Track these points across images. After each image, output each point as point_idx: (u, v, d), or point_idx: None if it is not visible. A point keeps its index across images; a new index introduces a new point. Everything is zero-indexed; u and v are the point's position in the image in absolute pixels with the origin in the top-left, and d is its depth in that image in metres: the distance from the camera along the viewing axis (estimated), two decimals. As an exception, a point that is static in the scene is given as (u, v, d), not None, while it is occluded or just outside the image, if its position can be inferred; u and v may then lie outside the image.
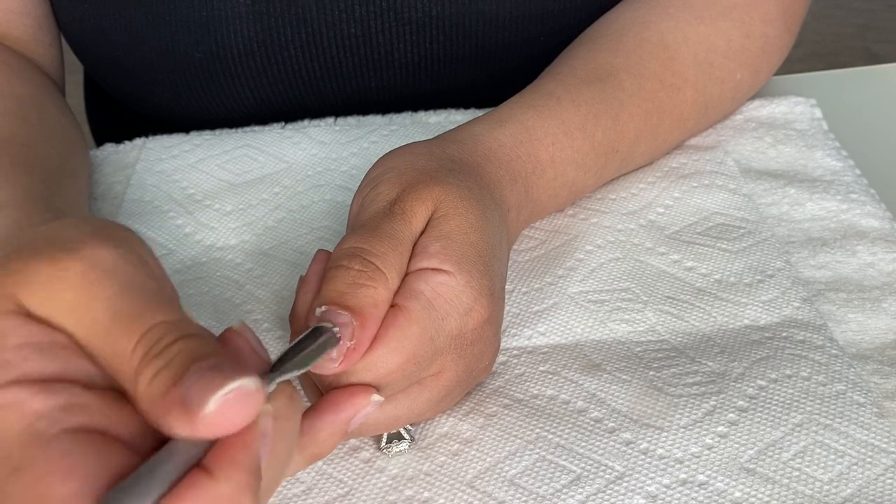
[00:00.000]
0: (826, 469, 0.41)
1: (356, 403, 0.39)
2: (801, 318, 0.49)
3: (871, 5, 2.53)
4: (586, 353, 0.47)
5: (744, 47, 0.60)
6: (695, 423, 0.43)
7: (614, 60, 0.56)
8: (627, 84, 0.55)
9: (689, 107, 0.59)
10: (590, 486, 0.41)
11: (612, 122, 0.54)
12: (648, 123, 0.56)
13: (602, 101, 0.54)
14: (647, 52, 0.57)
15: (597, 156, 0.54)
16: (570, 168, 0.53)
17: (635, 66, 0.56)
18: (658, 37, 0.58)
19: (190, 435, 0.31)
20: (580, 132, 0.53)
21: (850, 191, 0.57)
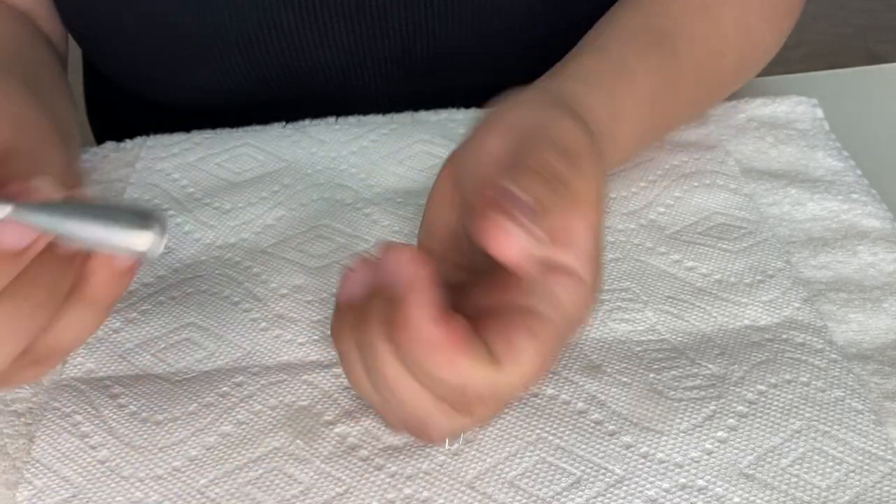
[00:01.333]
0: (824, 476, 0.41)
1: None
2: (802, 319, 0.49)
3: (872, 5, 2.53)
4: (586, 353, 0.47)
5: (773, 6, 0.60)
6: (695, 427, 0.43)
7: (665, 21, 0.55)
8: (681, 49, 0.55)
9: (729, 73, 0.59)
10: (590, 490, 0.41)
11: (672, 94, 0.55)
12: (697, 93, 0.57)
13: (663, 70, 0.54)
14: (692, 14, 0.56)
15: (655, 129, 0.55)
16: (631, 144, 0.53)
17: (686, 29, 0.55)
18: (700, 1, 0.57)
19: None
20: (649, 108, 0.53)
21: (851, 191, 0.57)
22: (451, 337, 0.37)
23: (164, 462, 0.43)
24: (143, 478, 0.43)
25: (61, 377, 0.48)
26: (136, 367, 0.48)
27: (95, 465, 0.43)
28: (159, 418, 0.45)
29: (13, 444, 0.45)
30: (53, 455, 0.44)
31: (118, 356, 0.49)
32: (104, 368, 0.48)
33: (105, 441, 0.44)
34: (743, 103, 0.65)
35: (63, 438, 0.45)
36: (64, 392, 0.47)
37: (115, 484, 0.43)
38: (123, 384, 0.47)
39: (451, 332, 0.37)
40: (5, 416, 0.46)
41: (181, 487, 0.42)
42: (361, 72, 0.66)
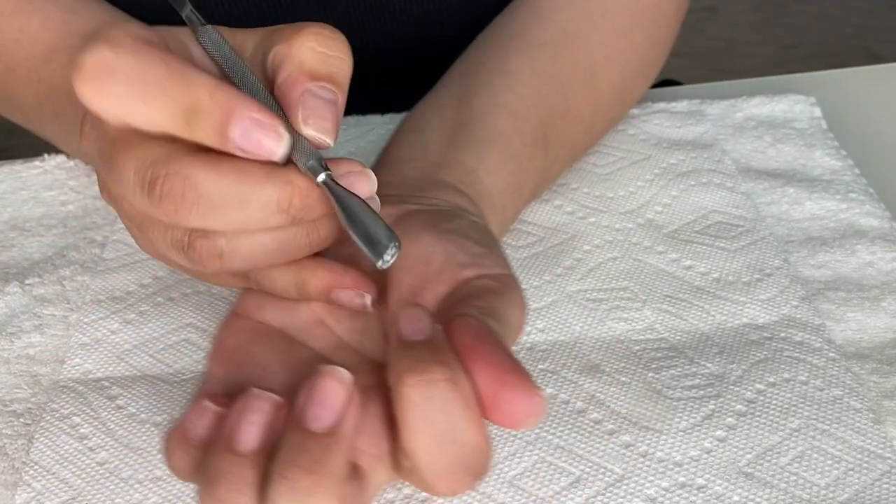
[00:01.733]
0: (823, 474, 0.41)
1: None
2: (800, 318, 0.49)
3: (872, 5, 2.53)
4: (585, 353, 0.47)
5: (650, 59, 0.61)
6: (694, 426, 0.43)
7: (556, 99, 0.55)
8: (563, 134, 0.56)
9: (596, 139, 0.60)
10: (589, 489, 0.41)
11: (543, 186, 0.56)
12: (560, 171, 0.58)
13: (545, 166, 0.55)
14: (578, 85, 0.56)
15: (518, 207, 0.55)
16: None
17: (571, 110, 0.56)
18: (588, 60, 0.57)
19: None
20: (523, 203, 0.54)
21: (849, 190, 0.57)
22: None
23: (163, 464, 0.43)
24: (142, 479, 0.43)
25: (59, 378, 0.48)
26: (135, 368, 0.48)
27: (94, 467, 0.43)
28: (158, 419, 0.45)
29: (12, 445, 0.45)
30: (52, 457, 0.44)
31: (116, 357, 0.49)
32: (102, 369, 0.48)
33: (104, 443, 0.44)
34: (741, 102, 0.65)
35: (62, 440, 0.45)
36: (62, 393, 0.47)
37: (114, 486, 0.43)
38: (122, 385, 0.47)
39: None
40: (4, 416, 0.46)
41: (181, 489, 0.42)
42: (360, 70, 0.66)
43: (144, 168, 0.37)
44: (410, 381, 0.34)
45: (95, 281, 0.54)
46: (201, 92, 0.36)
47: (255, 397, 0.35)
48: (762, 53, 2.34)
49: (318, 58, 0.38)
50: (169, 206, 0.36)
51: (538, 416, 0.35)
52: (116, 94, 0.36)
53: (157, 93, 0.36)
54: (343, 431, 0.34)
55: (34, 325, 0.51)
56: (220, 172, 0.36)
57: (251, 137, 0.36)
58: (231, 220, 0.37)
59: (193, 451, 0.36)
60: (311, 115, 0.38)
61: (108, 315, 0.51)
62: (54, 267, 0.55)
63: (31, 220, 0.59)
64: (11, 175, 0.63)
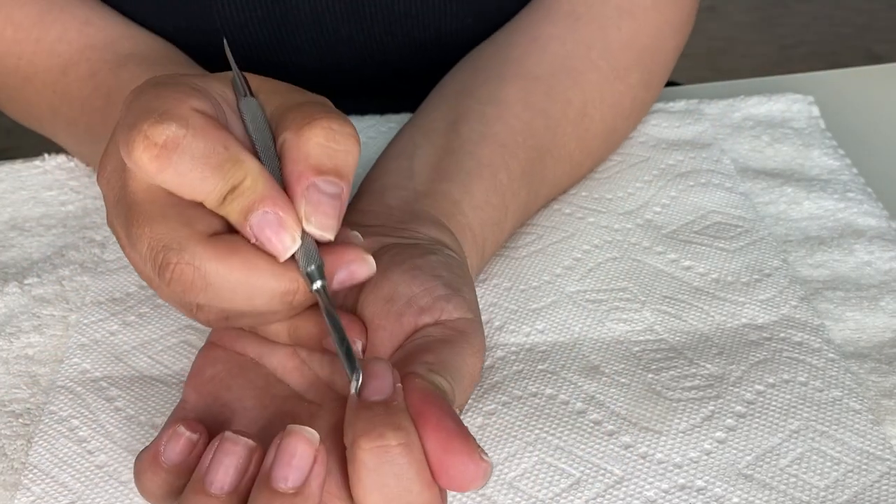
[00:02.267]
0: (822, 476, 0.41)
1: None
2: (799, 318, 0.49)
3: (872, 5, 2.53)
4: (584, 353, 0.47)
5: (643, 102, 0.61)
6: (693, 427, 0.43)
7: (545, 135, 0.55)
8: (549, 171, 0.56)
9: (580, 178, 0.60)
10: (589, 491, 0.41)
11: (522, 221, 0.56)
12: (542, 205, 0.58)
13: (528, 201, 0.55)
14: (569, 122, 0.56)
15: (498, 241, 0.55)
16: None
17: (559, 148, 0.56)
18: (580, 99, 0.57)
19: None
20: (501, 247, 0.55)
21: (847, 189, 0.57)
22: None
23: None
24: (141, 481, 0.43)
25: (58, 379, 0.48)
26: (134, 370, 0.48)
27: (93, 470, 0.43)
28: (157, 422, 0.45)
29: (11, 446, 0.45)
30: (51, 460, 0.44)
31: (115, 358, 0.49)
32: (101, 370, 0.48)
33: (103, 446, 0.44)
34: (738, 102, 0.65)
35: (60, 443, 0.44)
36: (60, 395, 0.47)
37: (113, 489, 0.43)
38: (120, 387, 0.47)
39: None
40: (3, 417, 0.46)
41: (180, 491, 0.42)
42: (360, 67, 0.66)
43: (157, 250, 0.38)
44: (366, 445, 0.35)
45: (95, 282, 0.54)
46: (248, 175, 0.38)
47: (229, 441, 0.37)
48: (762, 53, 2.34)
49: (325, 152, 0.39)
50: (177, 288, 0.38)
51: (482, 479, 0.36)
52: (178, 171, 0.37)
53: (213, 174, 0.38)
54: (309, 490, 0.35)
55: (33, 326, 0.51)
56: (230, 266, 0.38)
57: (265, 231, 0.38)
58: (235, 305, 0.39)
59: (164, 474, 0.38)
60: (313, 211, 0.39)
61: (107, 316, 0.51)
62: (53, 267, 0.55)
63: (30, 220, 0.59)
64: (11, 174, 0.63)
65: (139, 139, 0.37)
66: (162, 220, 0.38)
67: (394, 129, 0.63)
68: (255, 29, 0.63)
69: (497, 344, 0.48)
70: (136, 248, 0.39)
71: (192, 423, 0.38)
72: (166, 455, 0.38)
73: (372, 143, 0.62)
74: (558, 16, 0.58)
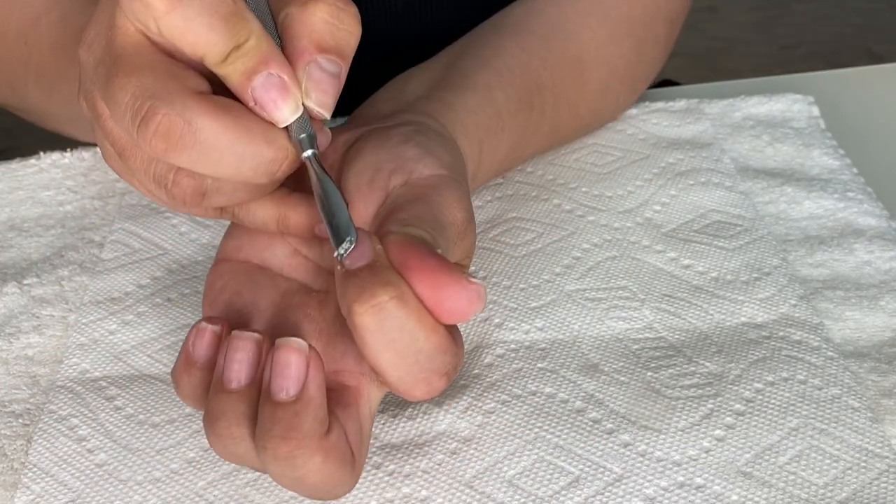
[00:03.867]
0: (821, 473, 0.41)
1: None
2: (798, 317, 0.49)
3: (872, 5, 2.53)
4: (584, 352, 0.47)
5: (636, 72, 0.62)
6: (692, 425, 0.43)
7: (543, 73, 0.56)
8: (547, 106, 0.56)
9: (578, 126, 0.60)
10: (588, 489, 0.41)
11: (523, 148, 0.56)
12: (544, 143, 0.58)
13: (526, 128, 0.55)
14: (566, 68, 0.57)
15: (496, 174, 0.56)
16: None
17: (557, 86, 0.57)
18: (576, 50, 0.58)
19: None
20: (499, 163, 0.55)
21: (847, 189, 0.57)
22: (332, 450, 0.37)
23: (161, 465, 0.43)
24: (141, 481, 0.43)
25: (57, 378, 0.48)
26: (133, 369, 0.48)
27: (93, 469, 0.43)
28: (156, 420, 0.45)
29: (11, 446, 0.45)
30: (51, 459, 0.44)
31: (114, 357, 0.49)
32: (100, 369, 0.48)
33: (102, 444, 0.44)
34: (739, 101, 0.65)
35: (60, 442, 0.45)
36: (60, 394, 0.47)
37: (112, 488, 0.43)
38: (120, 386, 0.47)
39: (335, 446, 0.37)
40: (3, 417, 0.46)
41: (179, 490, 0.42)
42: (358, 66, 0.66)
43: (143, 97, 0.37)
44: (360, 308, 0.36)
45: (94, 281, 0.54)
46: (252, 34, 0.37)
47: (237, 338, 0.38)
48: (762, 53, 2.34)
49: (328, 29, 0.39)
50: (159, 145, 0.37)
51: (479, 300, 0.37)
52: (186, 16, 0.36)
53: (220, 25, 0.36)
54: (308, 395, 0.36)
55: (32, 326, 0.51)
56: (224, 124, 0.37)
57: (270, 93, 0.37)
58: (219, 170, 0.38)
59: (198, 373, 0.39)
60: (314, 87, 0.38)
61: (106, 316, 0.51)
62: (52, 267, 0.55)
63: (28, 221, 0.59)
64: (8, 174, 0.63)
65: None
66: (151, 72, 0.37)
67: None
68: None
69: (496, 341, 0.48)
70: (115, 101, 0.37)
71: (214, 318, 0.40)
72: (195, 352, 0.39)
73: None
74: None
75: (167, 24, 0.36)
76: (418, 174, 0.43)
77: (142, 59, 0.38)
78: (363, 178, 0.43)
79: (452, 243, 0.41)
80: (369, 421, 0.40)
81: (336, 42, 0.39)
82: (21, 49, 0.58)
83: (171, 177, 0.39)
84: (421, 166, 0.43)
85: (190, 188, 0.39)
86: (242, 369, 0.37)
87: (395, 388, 0.38)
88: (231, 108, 0.37)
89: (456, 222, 0.41)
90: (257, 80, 0.37)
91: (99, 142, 0.41)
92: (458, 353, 0.38)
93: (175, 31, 0.37)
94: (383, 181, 0.43)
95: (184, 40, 0.37)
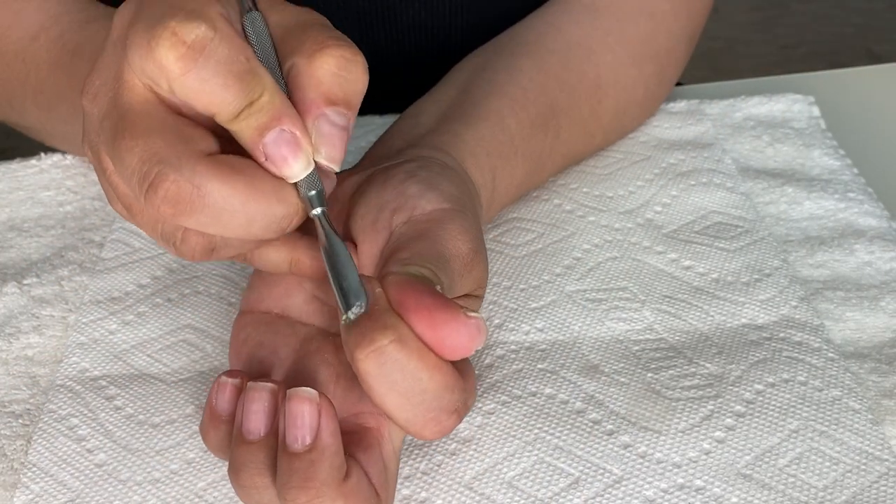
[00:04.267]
0: (821, 476, 0.41)
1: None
2: (799, 318, 0.49)
3: (872, 5, 2.53)
4: (584, 353, 0.47)
5: (655, 95, 0.62)
6: (692, 427, 0.43)
7: (559, 96, 0.56)
8: (563, 129, 0.56)
9: (591, 150, 0.60)
10: (588, 490, 0.41)
11: (539, 172, 0.56)
12: (560, 166, 0.58)
13: (541, 154, 0.55)
14: (584, 91, 0.57)
15: (514, 199, 0.56)
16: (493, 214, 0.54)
17: (573, 109, 0.56)
18: (595, 73, 0.58)
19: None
20: (515, 188, 0.55)
21: (847, 189, 0.57)
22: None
23: (161, 465, 0.43)
24: (140, 481, 0.43)
25: (56, 378, 0.48)
26: (133, 369, 0.48)
27: (93, 469, 0.43)
28: (156, 421, 0.45)
29: (11, 446, 0.45)
30: (51, 459, 0.44)
31: (114, 357, 0.49)
32: (100, 369, 0.48)
33: (102, 444, 0.44)
34: (739, 102, 0.65)
35: (60, 442, 0.44)
36: (60, 394, 0.47)
37: (112, 488, 0.43)
38: (120, 385, 0.47)
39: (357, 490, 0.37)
40: (3, 417, 0.46)
41: (179, 491, 0.42)
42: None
43: (151, 162, 0.36)
44: (362, 354, 0.36)
45: (94, 281, 0.54)
46: (266, 90, 0.37)
47: (252, 389, 0.38)
48: (762, 53, 2.34)
49: (336, 81, 0.38)
50: (168, 210, 0.36)
51: (479, 335, 0.37)
52: (201, 76, 0.36)
53: (235, 83, 0.36)
54: (322, 444, 0.36)
55: (32, 326, 0.51)
56: (234, 187, 0.36)
57: (282, 150, 0.37)
58: (229, 230, 0.37)
59: (223, 426, 0.39)
60: (324, 142, 0.38)
61: (106, 316, 0.51)
62: (52, 267, 0.55)
63: (28, 221, 0.59)
64: (8, 174, 0.63)
65: (166, 35, 0.35)
66: (159, 134, 0.37)
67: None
68: None
69: (496, 342, 0.48)
70: (123, 162, 0.37)
71: (233, 371, 0.40)
72: (218, 406, 0.39)
73: (370, 146, 0.62)
74: (577, 7, 0.59)
75: (181, 86, 0.36)
76: (421, 210, 0.42)
77: (150, 118, 0.37)
78: (368, 220, 0.43)
79: (458, 276, 0.41)
80: (394, 460, 0.40)
81: (344, 94, 0.38)
82: (19, 67, 0.58)
83: (180, 235, 0.39)
84: (423, 202, 0.43)
85: (199, 246, 0.39)
86: (260, 420, 0.38)
87: (405, 429, 0.38)
88: (241, 169, 0.37)
89: (461, 254, 0.41)
90: (269, 136, 0.37)
91: (103, 188, 0.41)
92: (467, 388, 0.38)
93: (189, 91, 0.36)
94: (386, 221, 0.43)
95: (197, 100, 0.36)
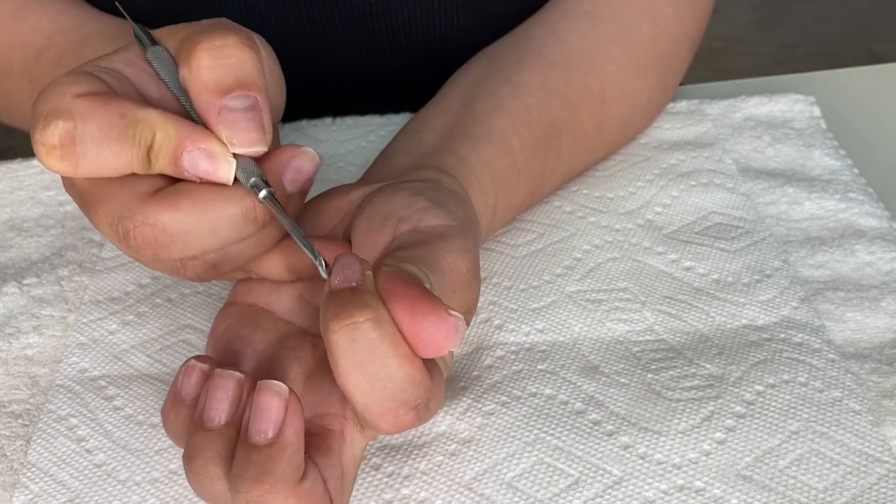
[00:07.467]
0: (821, 478, 0.41)
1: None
2: (799, 319, 0.49)
3: (872, 5, 2.53)
4: (584, 353, 0.47)
5: (658, 103, 0.62)
6: (693, 428, 0.43)
7: (562, 114, 0.56)
8: (565, 148, 0.56)
9: (595, 163, 0.60)
10: (588, 491, 0.41)
11: (540, 190, 0.56)
12: (560, 182, 0.58)
13: (542, 173, 0.55)
14: (587, 107, 0.57)
15: (511, 220, 0.56)
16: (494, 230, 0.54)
17: (575, 126, 0.56)
18: (599, 87, 0.57)
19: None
20: (518, 208, 0.55)
21: (848, 190, 0.57)
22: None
23: (160, 465, 0.43)
24: (139, 481, 0.43)
25: (56, 378, 0.48)
26: (132, 369, 0.48)
27: (92, 469, 0.43)
28: (155, 421, 0.45)
29: (10, 446, 0.45)
30: (50, 459, 0.44)
31: (114, 357, 0.49)
32: (99, 369, 0.48)
33: (101, 445, 0.44)
34: (740, 102, 0.65)
35: (59, 442, 0.44)
36: (59, 394, 0.47)
37: (111, 488, 0.43)
38: (119, 385, 0.47)
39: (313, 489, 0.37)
40: (2, 417, 0.46)
41: (178, 491, 0.42)
42: (360, 69, 0.66)
43: (115, 223, 0.39)
44: (336, 326, 0.36)
45: (94, 281, 0.54)
46: (155, 129, 0.38)
47: (219, 377, 0.38)
48: (762, 53, 2.34)
49: (217, 73, 0.39)
50: (147, 252, 0.39)
51: (456, 334, 0.36)
52: (88, 159, 0.38)
53: (120, 145, 0.38)
54: (284, 440, 0.36)
55: (32, 326, 0.51)
56: (182, 209, 0.38)
57: (200, 167, 0.38)
58: (206, 244, 0.39)
59: (185, 411, 0.39)
60: (234, 133, 0.39)
61: (106, 316, 0.51)
62: (52, 267, 0.55)
63: (29, 221, 0.59)
64: (9, 174, 0.63)
65: (39, 148, 0.38)
66: (109, 197, 0.39)
67: (394, 130, 0.63)
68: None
69: (496, 343, 0.48)
70: (100, 229, 0.40)
71: (203, 357, 0.40)
72: (183, 389, 0.39)
73: (371, 146, 0.63)
74: (578, 13, 0.59)
75: (84, 178, 0.39)
76: (426, 223, 0.43)
77: (97, 188, 0.40)
78: (372, 225, 0.43)
79: (451, 291, 0.41)
80: (352, 467, 0.40)
81: (233, 77, 0.39)
82: (27, 86, 0.59)
83: (179, 265, 0.41)
84: (430, 216, 0.43)
85: (200, 268, 0.41)
86: (222, 408, 0.37)
87: (361, 415, 0.38)
88: (183, 192, 0.39)
89: (458, 271, 0.41)
90: (184, 161, 0.39)
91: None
92: (433, 389, 0.38)
93: (94, 175, 0.39)
94: (391, 227, 0.43)
95: (105, 174, 0.39)
